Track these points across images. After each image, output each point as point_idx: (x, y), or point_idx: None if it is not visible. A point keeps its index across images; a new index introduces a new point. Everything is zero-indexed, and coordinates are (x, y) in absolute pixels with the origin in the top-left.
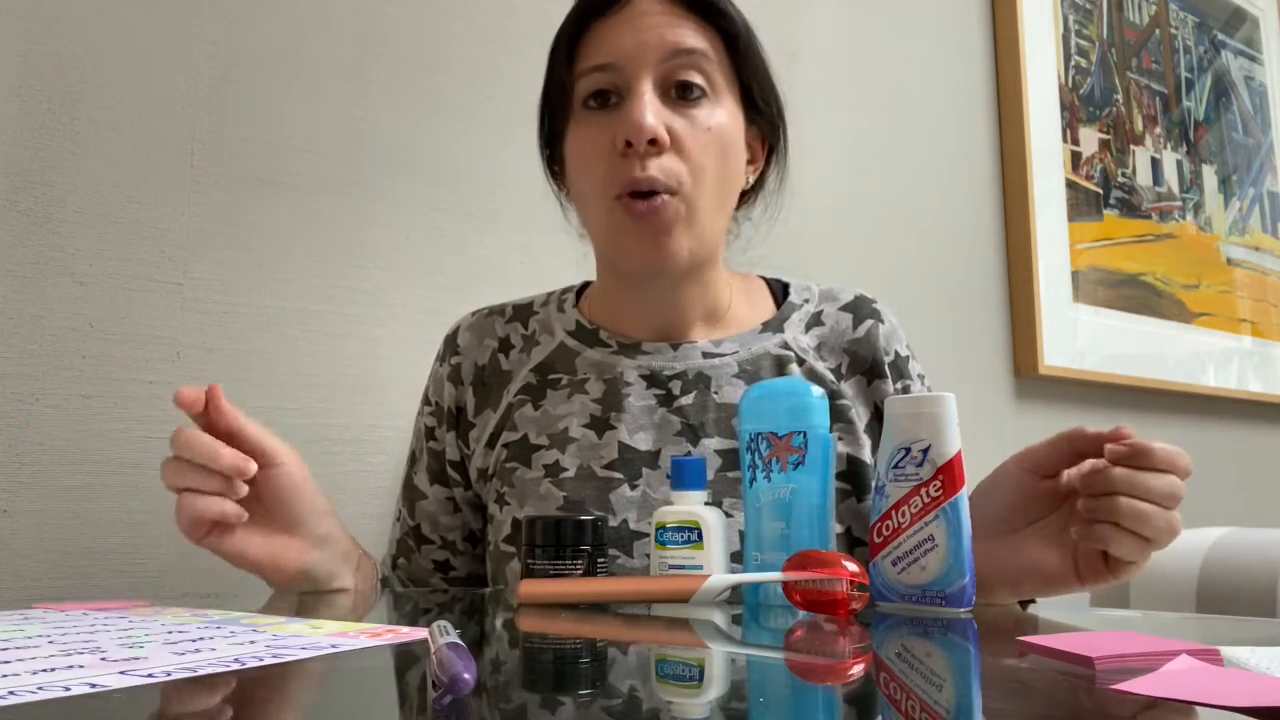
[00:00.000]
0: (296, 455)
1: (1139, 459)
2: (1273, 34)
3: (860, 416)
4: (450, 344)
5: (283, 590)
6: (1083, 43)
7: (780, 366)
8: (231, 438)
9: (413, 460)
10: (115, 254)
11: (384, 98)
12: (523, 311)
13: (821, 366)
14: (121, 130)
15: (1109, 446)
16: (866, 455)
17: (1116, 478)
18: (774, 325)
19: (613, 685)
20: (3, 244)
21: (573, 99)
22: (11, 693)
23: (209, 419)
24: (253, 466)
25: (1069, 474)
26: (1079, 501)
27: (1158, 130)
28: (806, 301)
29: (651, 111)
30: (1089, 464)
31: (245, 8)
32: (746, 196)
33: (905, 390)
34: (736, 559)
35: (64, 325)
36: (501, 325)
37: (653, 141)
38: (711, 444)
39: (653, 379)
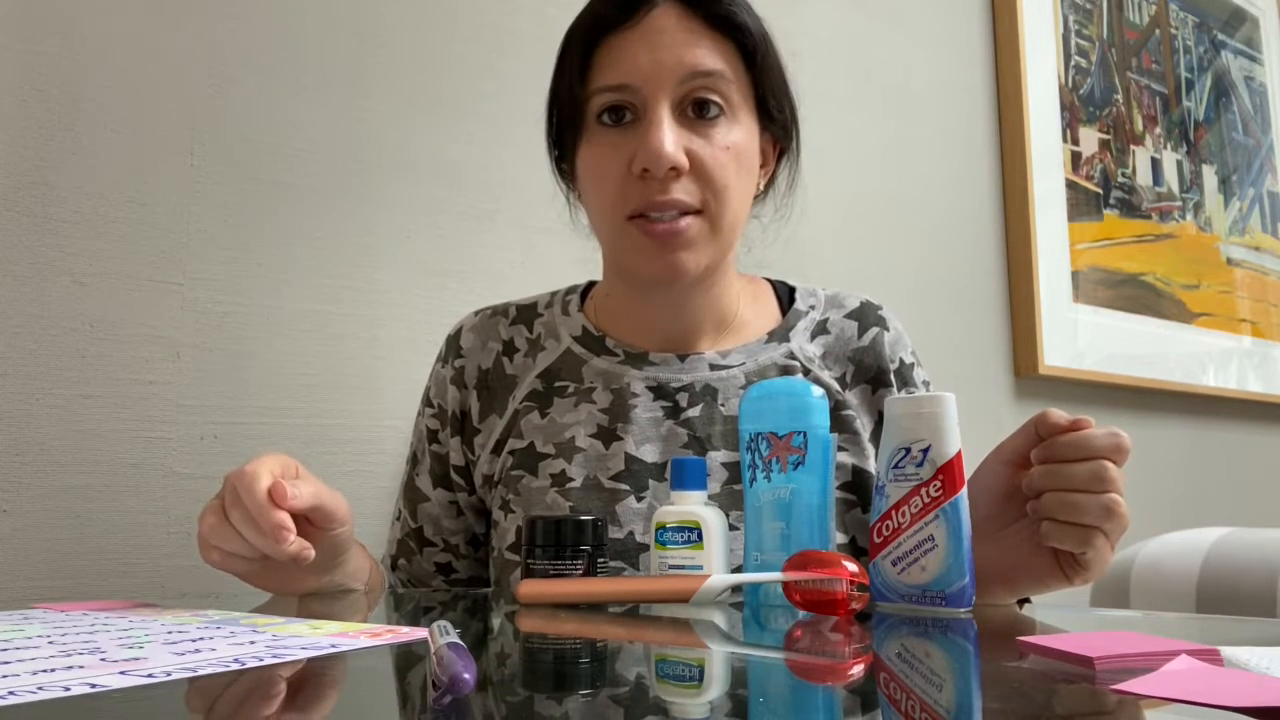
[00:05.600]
0: (348, 508)
1: (1055, 453)
2: (1273, 34)
3: (865, 426)
4: (453, 345)
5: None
6: (1083, 43)
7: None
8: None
9: (414, 461)
10: (115, 254)
11: (384, 98)
12: (526, 313)
13: (827, 376)
14: (121, 130)
15: (1033, 452)
16: (871, 465)
17: (1038, 475)
18: (780, 335)
19: (613, 685)
20: (3, 244)
21: (585, 113)
22: (11, 693)
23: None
24: (310, 553)
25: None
26: (1028, 505)
27: (1158, 130)
28: (812, 308)
29: (670, 139)
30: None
31: (245, 8)
32: (756, 199)
33: None
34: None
35: (64, 325)
36: (505, 327)
37: (672, 169)
38: (718, 456)
39: (660, 390)
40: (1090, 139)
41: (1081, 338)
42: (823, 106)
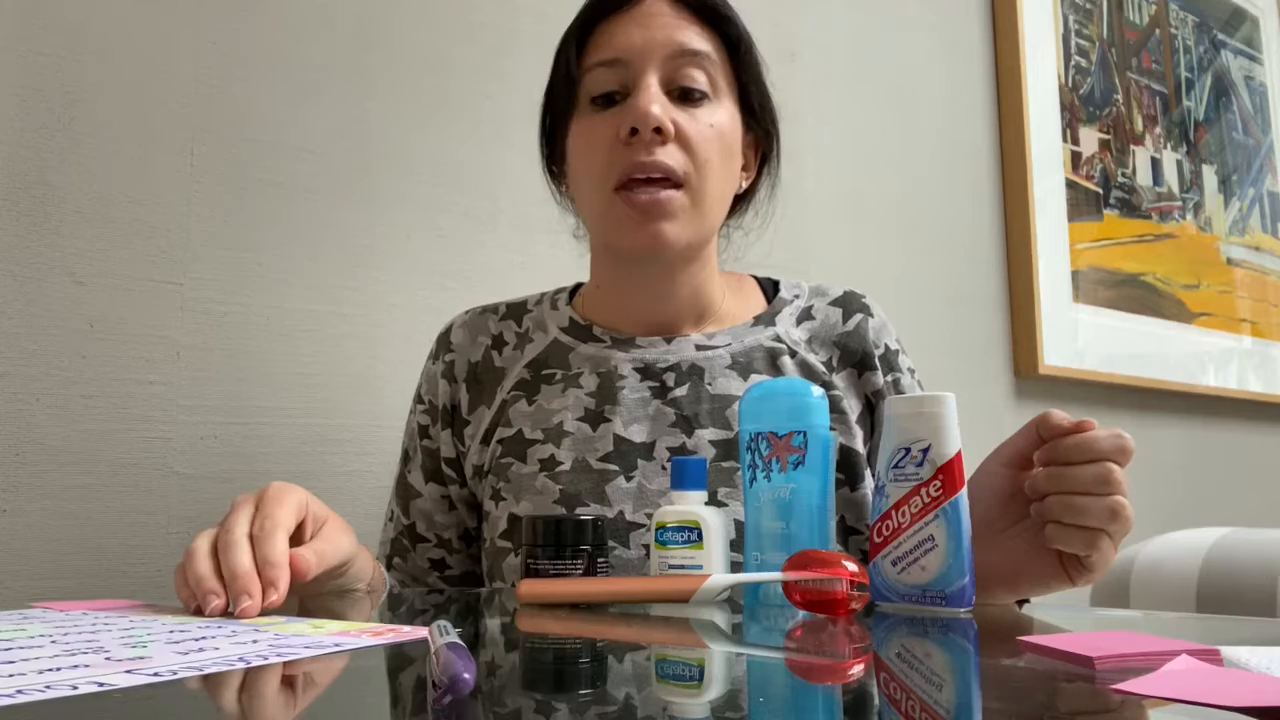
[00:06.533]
0: (350, 546)
1: (1059, 455)
2: (1273, 34)
3: (851, 408)
4: (443, 342)
5: None
6: (1083, 43)
7: (773, 358)
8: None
9: (406, 459)
10: (115, 254)
11: (385, 98)
12: (516, 310)
13: (813, 359)
14: (121, 130)
15: (1037, 454)
16: (859, 445)
17: (1042, 478)
18: (766, 319)
19: (613, 685)
20: (3, 244)
21: (578, 94)
22: (20, 691)
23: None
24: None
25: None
26: (1031, 507)
27: (1158, 130)
28: (797, 297)
29: (658, 103)
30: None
31: (246, 7)
32: (739, 204)
33: (895, 382)
34: (732, 549)
35: (64, 325)
36: (495, 323)
37: (658, 131)
38: (705, 435)
39: (646, 371)
40: (1090, 139)
41: (1081, 338)
42: (823, 106)
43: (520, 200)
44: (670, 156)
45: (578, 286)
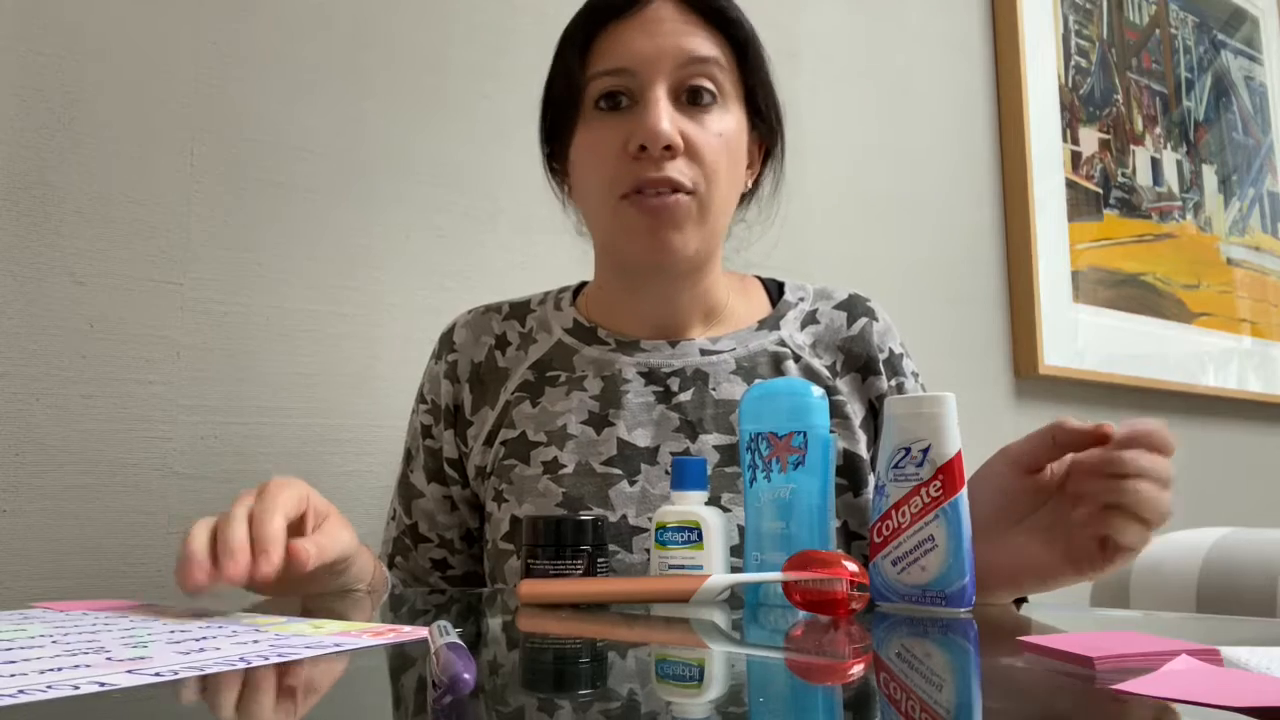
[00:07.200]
0: (350, 542)
1: (1143, 442)
2: (1273, 34)
3: (855, 413)
4: (446, 341)
5: None
6: (1083, 43)
7: (777, 363)
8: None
9: (408, 458)
10: (115, 254)
11: (384, 98)
12: (520, 309)
13: (818, 363)
14: (121, 130)
15: (1103, 433)
16: (862, 450)
17: (1128, 460)
18: (770, 323)
19: (613, 685)
20: (3, 244)
21: (582, 99)
22: (21, 691)
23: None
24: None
25: (1053, 468)
26: (1075, 487)
27: (1158, 130)
28: (801, 300)
29: (667, 118)
30: (1071, 457)
31: (245, 7)
32: (742, 200)
33: (899, 387)
34: (735, 553)
35: (64, 325)
36: (498, 323)
37: (667, 147)
38: (710, 440)
39: (651, 376)
40: (1090, 139)
41: (1081, 338)
42: (823, 106)
43: (520, 200)
44: (679, 171)
45: (581, 285)
